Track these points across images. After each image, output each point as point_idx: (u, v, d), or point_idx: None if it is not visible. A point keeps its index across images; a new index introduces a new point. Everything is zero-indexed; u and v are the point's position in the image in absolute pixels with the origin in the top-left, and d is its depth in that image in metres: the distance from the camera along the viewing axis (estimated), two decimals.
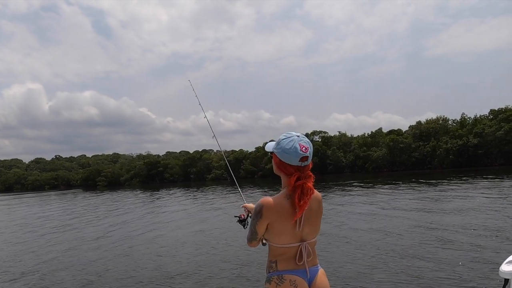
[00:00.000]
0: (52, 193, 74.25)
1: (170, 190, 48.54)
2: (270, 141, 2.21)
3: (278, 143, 2.02)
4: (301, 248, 1.98)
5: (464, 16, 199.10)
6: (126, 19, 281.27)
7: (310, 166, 2.01)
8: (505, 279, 2.36)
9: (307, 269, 2.00)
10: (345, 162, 70.00)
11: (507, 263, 2.39)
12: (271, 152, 2.08)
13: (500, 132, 53.93)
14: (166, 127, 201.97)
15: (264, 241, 2.11)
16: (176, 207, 24.14)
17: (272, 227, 1.95)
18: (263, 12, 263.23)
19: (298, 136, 1.99)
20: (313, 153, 2.03)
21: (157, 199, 33.08)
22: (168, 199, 31.70)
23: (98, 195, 47.72)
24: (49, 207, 33.17)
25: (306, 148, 1.95)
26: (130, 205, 28.34)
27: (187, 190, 45.97)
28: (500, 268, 2.37)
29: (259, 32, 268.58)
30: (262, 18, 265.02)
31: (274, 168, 2.10)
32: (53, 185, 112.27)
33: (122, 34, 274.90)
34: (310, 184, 1.95)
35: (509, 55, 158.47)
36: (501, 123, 55.36)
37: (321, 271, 2.09)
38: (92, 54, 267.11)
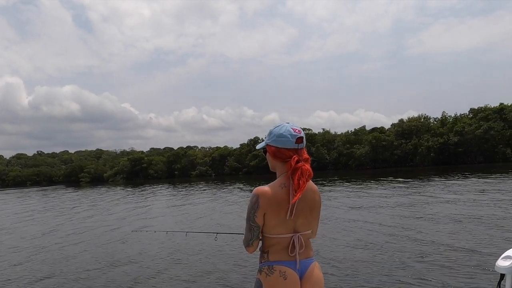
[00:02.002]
0: (34, 189, 73.01)
1: (154, 186, 47.99)
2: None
3: (270, 133, 2.05)
4: (293, 239, 1.94)
5: (444, 15, 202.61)
6: (107, 13, 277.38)
7: (306, 152, 2.01)
8: (501, 274, 2.34)
9: (297, 260, 1.95)
10: (328, 159, 70.39)
11: (503, 258, 2.35)
12: (264, 148, 2.10)
13: (479, 130, 54.91)
14: (148, 123, 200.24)
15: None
16: (159, 203, 23.84)
17: (268, 217, 1.91)
18: (246, 9, 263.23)
19: (288, 123, 2.04)
20: None
21: (141, 195, 32.67)
22: (151, 196, 31.32)
23: (79, 192, 46.98)
24: (26, 203, 32.47)
25: (299, 130, 1.99)
26: (112, 201, 27.90)
27: (171, 186, 45.61)
28: (496, 263, 2.35)
29: (242, 28, 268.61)
30: (245, 15, 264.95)
31: (270, 162, 2.08)
32: (35, 181, 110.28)
33: (104, 28, 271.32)
34: (309, 166, 1.95)
35: (486, 55, 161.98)
36: (480, 122, 56.42)
37: (314, 264, 2.04)
38: (73, 48, 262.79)
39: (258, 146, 2.15)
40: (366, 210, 14.43)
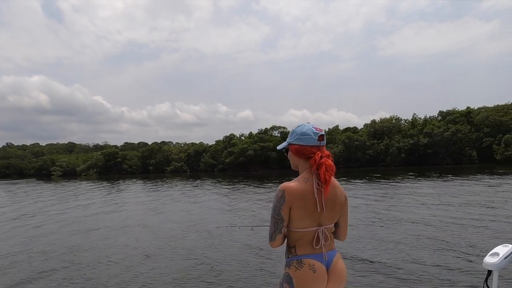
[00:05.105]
0: (2, 182, 70.62)
1: (128, 181, 47.13)
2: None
3: (292, 133, 2.14)
4: (318, 232, 2.02)
5: (413, 19, 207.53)
6: (78, 3, 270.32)
7: (325, 149, 2.10)
8: (488, 271, 2.39)
9: (325, 253, 2.04)
10: None
11: (491, 255, 2.39)
12: (285, 149, 2.19)
13: (447, 133, 56.47)
14: (121, 117, 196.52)
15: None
16: (134, 199, 23.34)
17: (293, 211, 1.99)
18: (220, 5, 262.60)
19: (309, 123, 2.13)
20: (273, 148, 2.02)
21: (115, 190, 31.91)
22: (126, 191, 30.71)
23: (43, 186, 45.67)
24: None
25: (320, 129, 2.09)
26: (84, 196, 27.18)
27: (145, 182, 44.82)
28: (484, 260, 2.40)
29: (216, 25, 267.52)
30: (219, 11, 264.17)
31: (292, 160, 2.15)
32: (4, 174, 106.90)
33: (75, 19, 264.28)
34: (331, 162, 2.03)
35: (454, 59, 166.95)
36: (449, 124, 58.04)
37: (338, 255, 2.12)
38: (43, 38, 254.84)
39: (279, 147, 2.24)
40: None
